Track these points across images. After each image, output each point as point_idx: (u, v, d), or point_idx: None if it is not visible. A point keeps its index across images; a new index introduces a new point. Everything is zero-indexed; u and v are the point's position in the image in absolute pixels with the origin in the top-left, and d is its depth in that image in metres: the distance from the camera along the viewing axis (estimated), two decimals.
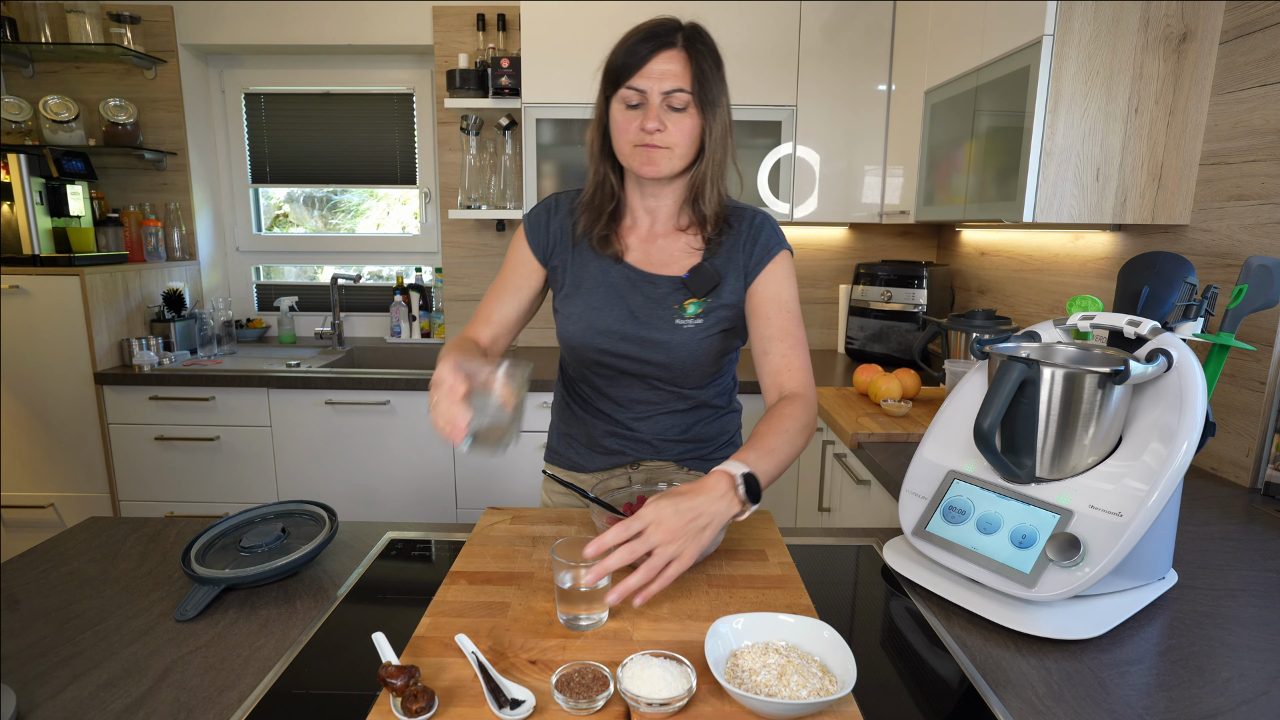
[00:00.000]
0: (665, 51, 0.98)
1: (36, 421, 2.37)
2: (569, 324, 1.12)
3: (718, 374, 1.17)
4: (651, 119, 0.99)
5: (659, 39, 0.98)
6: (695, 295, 1.07)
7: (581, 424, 1.22)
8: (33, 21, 2.56)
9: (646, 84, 0.98)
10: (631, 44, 0.99)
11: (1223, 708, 0.68)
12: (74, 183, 2.44)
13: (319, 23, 2.66)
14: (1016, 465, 0.86)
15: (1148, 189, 1.48)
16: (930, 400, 1.83)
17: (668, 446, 1.19)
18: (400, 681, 0.63)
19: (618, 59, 1.00)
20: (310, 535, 0.96)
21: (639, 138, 1.00)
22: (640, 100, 1.00)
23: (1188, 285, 0.95)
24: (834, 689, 0.65)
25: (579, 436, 1.23)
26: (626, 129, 1.01)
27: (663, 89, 0.98)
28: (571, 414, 1.24)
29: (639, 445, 1.18)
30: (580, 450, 1.23)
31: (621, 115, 1.02)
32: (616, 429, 1.19)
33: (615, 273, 1.10)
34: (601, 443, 1.20)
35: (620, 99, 1.01)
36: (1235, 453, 1.35)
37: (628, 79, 0.99)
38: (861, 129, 2.40)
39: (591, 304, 1.10)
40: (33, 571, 0.93)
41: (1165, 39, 1.42)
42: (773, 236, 1.08)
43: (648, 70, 0.98)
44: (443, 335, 2.93)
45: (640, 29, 1.00)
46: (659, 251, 1.11)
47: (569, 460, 1.24)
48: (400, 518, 2.41)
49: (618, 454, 1.20)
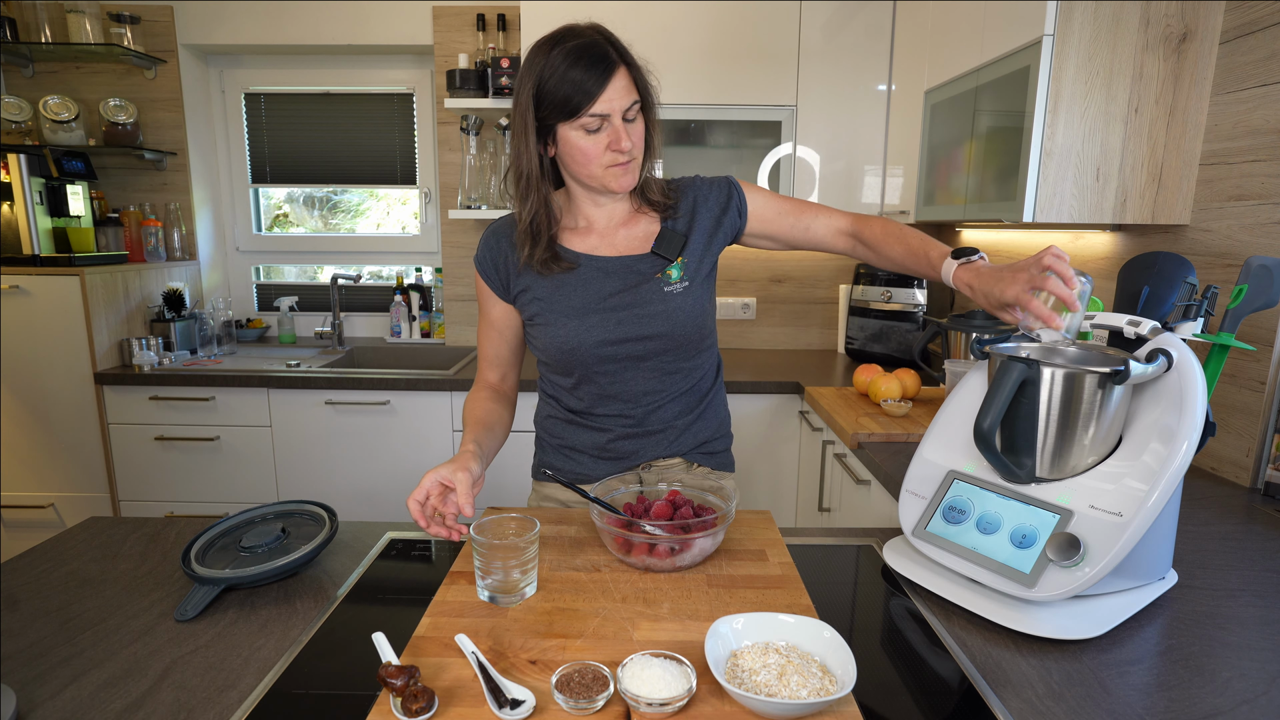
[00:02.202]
0: (613, 74, 0.98)
1: (36, 421, 2.37)
2: (559, 335, 1.10)
3: (711, 338, 1.19)
4: (625, 138, 1.01)
5: (603, 63, 0.98)
6: (669, 259, 1.11)
7: (585, 434, 1.19)
8: (33, 21, 2.56)
9: (608, 107, 0.99)
10: (576, 74, 0.97)
11: (1223, 708, 0.68)
12: (74, 183, 2.44)
13: (319, 23, 2.66)
14: (1016, 465, 0.86)
15: (1148, 189, 1.48)
16: (930, 400, 1.83)
17: (680, 436, 1.19)
18: (400, 681, 0.63)
19: (563, 89, 0.98)
20: (310, 535, 0.96)
21: (612, 159, 1.02)
22: (601, 124, 1.00)
23: (1188, 285, 0.95)
24: (834, 689, 0.65)
25: (583, 447, 1.20)
26: (594, 154, 1.02)
27: (623, 108, 1.00)
28: (570, 427, 1.21)
29: (652, 441, 1.18)
30: (585, 461, 1.20)
31: (585, 141, 1.01)
32: (629, 428, 1.17)
33: (586, 271, 1.11)
34: (611, 448, 1.18)
35: (580, 126, 1.00)
36: (1235, 453, 1.35)
37: (587, 107, 0.98)
38: (861, 129, 2.40)
39: (575, 306, 1.10)
40: (33, 571, 0.93)
41: (1165, 39, 1.42)
42: (716, 183, 1.17)
43: (606, 95, 0.98)
44: (442, 335, 2.93)
45: (573, 55, 0.97)
46: (623, 240, 1.13)
47: (573, 474, 1.21)
48: (400, 518, 2.41)
49: (629, 457, 1.18)
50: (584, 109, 0.98)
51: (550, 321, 1.11)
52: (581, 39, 0.99)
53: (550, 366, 1.18)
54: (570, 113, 0.99)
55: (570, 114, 0.99)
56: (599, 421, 1.18)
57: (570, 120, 1.00)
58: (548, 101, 1.00)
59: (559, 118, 1.00)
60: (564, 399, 1.20)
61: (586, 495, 0.94)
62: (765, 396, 2.27)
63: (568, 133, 1.01)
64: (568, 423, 1.21)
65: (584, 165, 1.03)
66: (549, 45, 1.00)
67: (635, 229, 1.14)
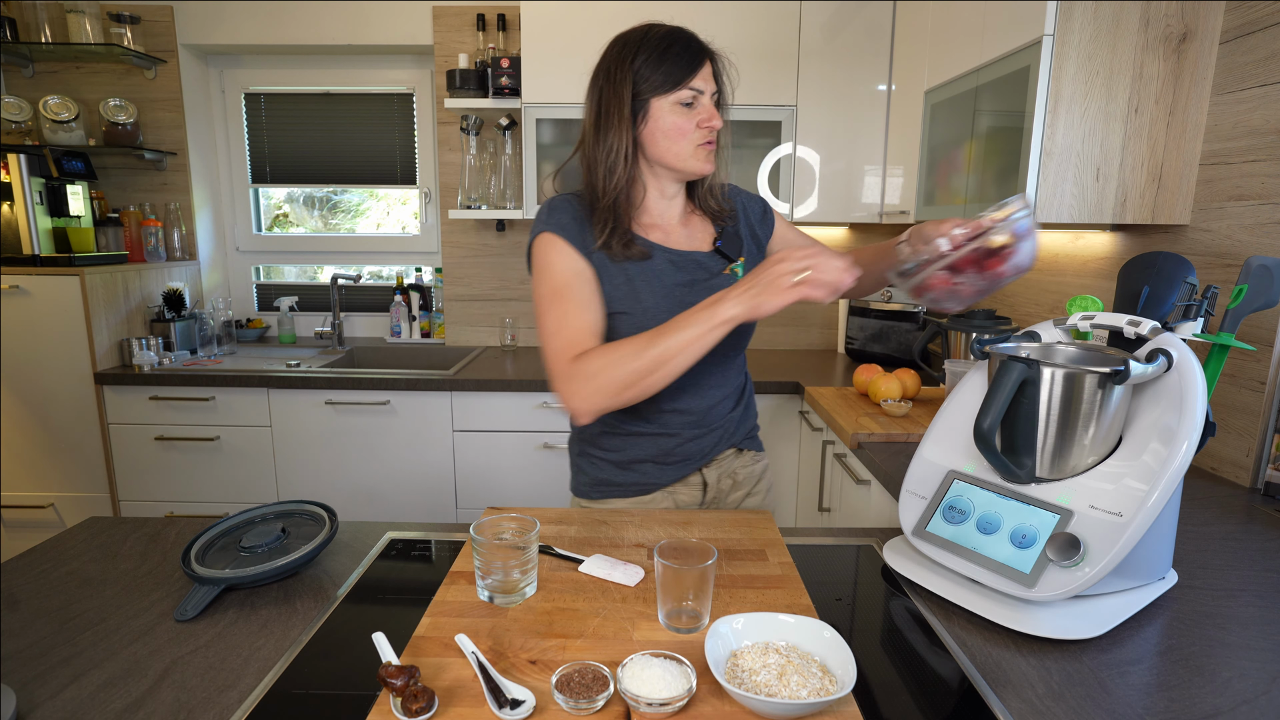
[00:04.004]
0: (706, 57, 1.06)
1: (36, 421, 2.37)
2: (644, 324, 1.06)
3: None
4: (716, 116, 1.06)
5: (697, 44, 1.06)
6: (732, 258, 1.16)
7: (645, 443, 1.17)
8: (33, 21, 2.56)
9: (703, 84, 1.05)
10: (676, 50, 1.04)
11: (1223, 708, 0.68)
12: (74, 183, 2.44)
13: (319, 23, 2.66)
14: (1016, 465, 0.86)
15: (1148, 189, 1.48)
16: (930, 400, 1.83)
17: (735, 429, 1.22)
18: (400, 681, 0.63)
19: (664, 63, 1.03)
20: (310, 535, 0.96)
21: (702, 136, 1.07)
22: (694, 99, 1.05)
23: (1188, 285, 0.95)
24: (834, 689, 0.65)
25: (646, 455, 1.17)
26: (686, 129, 1.06)
27: (711, 91, 1.07)
28: (629, 439, 1.17)
29: (714, 435, 1.19)
30: (649, 469, 1.18)
31: (679, 116, 1.05)
32: (696, 427, 1.16)
33: (659, 262, 1.11)
34: (678, 451, 1.17)
35: (676, 100, 1.04)
36: (1235, 453, 1.35)
37: (687, 79, 1.03)
38: (861, 129, 2.40)
39: (656, 295, 1.09)
40: (33, 571, 0.93)
41: (1165, 39, 1.42)
42: (753, 197, 1.27)
43: (702, 74, 1.05)
44: (442, 335, 2.93)
45: (669, 36, 1.05)
46: (684, 237, 1.16)
47: (638, 485, 1.19)
48: (400, 518, 2.41)
49: (693, 459, 1.18)
50: (685, 81, 1.04)
51: (631, 309, 1.09)
52: (670, 28, 1.07)
53: None
54: (671, 84, 1.04)
55: (671, 86, 1.04)
56: (662, 424, 1.16)
57: (668, 94, 1.04)
58: (645, 76, 1.04)
59: (655, 92, 1.04)
60: (623, 410, 1.15)
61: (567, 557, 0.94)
62: (765, 396, 2.27)
63: (660, 108, 1.05)
64: (625, 436, 1.18)
65: (675, 141, 1.06)
66: (642, 31, 1.07)
67: (693, 229, 1.18)
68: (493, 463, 2.36)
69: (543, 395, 2.29)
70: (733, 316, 0.92)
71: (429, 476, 2.39)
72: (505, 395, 2.30)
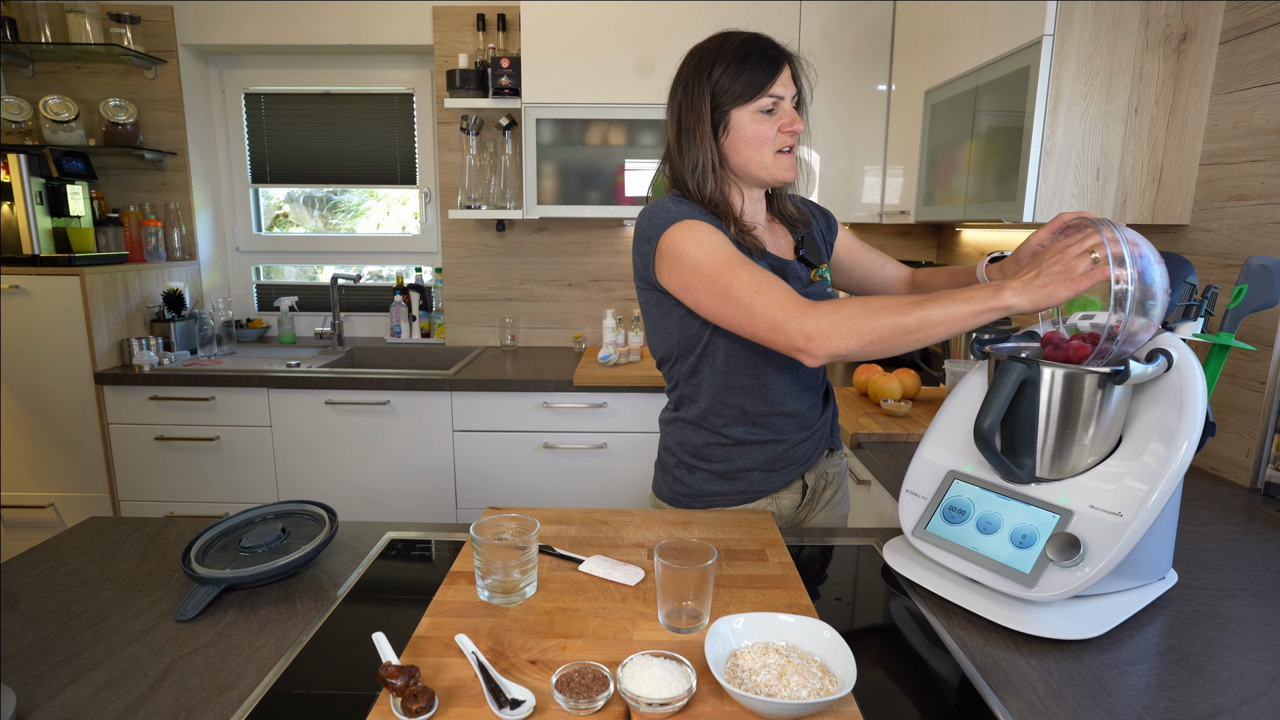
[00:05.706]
0: (784, 61, 1.05)
1: (36, 421, 2.37)
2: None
3: None
4: (798, 120, 1.05)
5: (775, 49, 1.04)
6: (815, 264, 1.17)
7: (754, 451, 1.14)
8: (33, 21, 2.56)
9: (782, 89, 1.04)
10: (754, 58, 1.03)
11: (1223, 708, 0.68)
12: (74, 183, 2.44)
13: (319, 23, 2.66)
14: (1016, 465, 0.86)
15: (1148, 189, 1.48)
16: (930, 400, 1.83)
17: (827, 427, 1.22)
18: (400, 681, 0.63)
19: (743, 73, 1.02)
20: (310, 535, 0.96)
21: (783, 142, 1.05)
22: (775, 105, 1.04)
23: (1188, 285, 0.95)
24: (834, 689, 0.65)
25: (753, 464, 1.15)
26: (767, 136, 1.04)
27: (790, 93, 1.05)
28: (737, 447, 1.14)
29: (815, 439, 1.18)
30: (755, 477, 1.15)
31: (760, 125, 1.04)
32: (801, 430, 1.15)
33: (767, 261, 1.10)
34: (785, 457, 1.15)
35: (756, 109, 1.03)
36: (1235, 453, 1.35)
37: (767, 86, 1.02)
38: (861, 129, 2.40)
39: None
40: (33, 571, 0.93)
41: (1165, 39, 1.42)
42: (819, 206, 1.29)
43: (782, 79, 1.04)
44: (442, 335, 2.93)
45: (746, 44, 1.04)
46: (771, 243, 1.16)
47: (744, 494, 1.16)
48: (400, 518, 2.41)
49: (797, 464, 1.16)
50: (765, 88, 1.02)
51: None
52: (747, 34, 1.06)
53: (737, 364, 1.11)
54: (752, 93, 1.02)
55: (751, 95, 1.03)
56: (771, 428, 1.14)
57: (747, 103, 1.03)
58: (723, 87, 1.03)
59: (735, 102, 1.03)
60: (740, 403, 1.12)
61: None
62: None
63: (741, 118, 1.04)
64: (732, 445, 1.14)
65: (756, 150, 1.05)
66: (718, 41, 1.06)
67: (776, 235, 1.18)
68: (493, 463, 2.36)
69: (543, 395, 2.29)
70: (1013, 305, 0.83)
71: (429, 476, 2.39)
72: (505, 395, 2.30)
